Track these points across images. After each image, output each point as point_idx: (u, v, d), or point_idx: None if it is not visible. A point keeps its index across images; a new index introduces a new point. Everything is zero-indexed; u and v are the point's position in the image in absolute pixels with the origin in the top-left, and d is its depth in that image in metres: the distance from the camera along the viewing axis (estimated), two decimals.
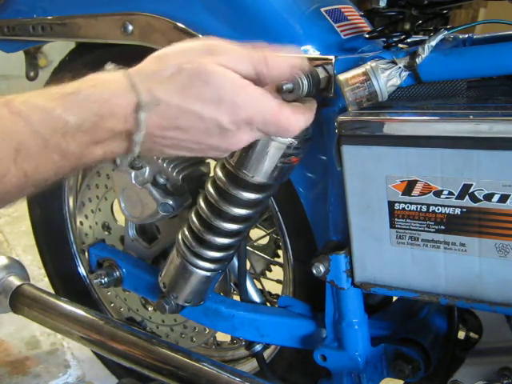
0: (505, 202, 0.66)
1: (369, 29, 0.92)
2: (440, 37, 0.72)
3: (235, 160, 0.78)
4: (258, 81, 0.62)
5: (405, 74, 0.72)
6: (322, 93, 0.77)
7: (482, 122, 0.64)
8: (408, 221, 0.73)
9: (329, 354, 0.89)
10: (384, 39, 0.83)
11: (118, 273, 1.12)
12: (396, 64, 0.72)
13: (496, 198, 0.66)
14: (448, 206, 0.69)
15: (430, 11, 0.83)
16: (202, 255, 0.88)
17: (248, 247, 1.27)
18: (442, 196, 0.69)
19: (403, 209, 0.72)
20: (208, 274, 0.91)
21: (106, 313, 1.36)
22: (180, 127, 0.58)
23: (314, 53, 0.83)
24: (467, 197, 0.68)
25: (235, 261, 1.01)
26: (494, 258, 0.69)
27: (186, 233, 0.89)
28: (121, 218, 1.19)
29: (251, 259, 1.33)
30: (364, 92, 0.71)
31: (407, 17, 0.82)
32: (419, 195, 0.71)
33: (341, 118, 0.72)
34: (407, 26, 0.83)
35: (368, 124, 0.71)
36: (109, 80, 0.57)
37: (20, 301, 1.08)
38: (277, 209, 0.97)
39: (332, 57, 0.77)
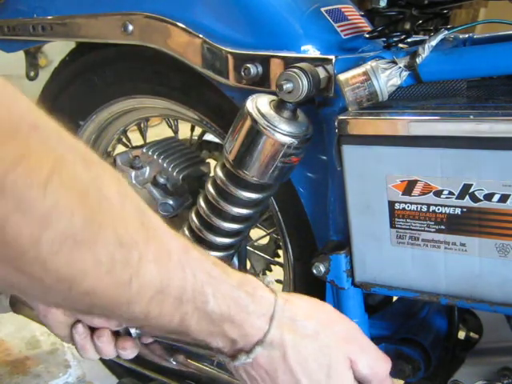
0: (505, 201, 0.66)
1: (369, 29, 0.92)
2: (440, 37, 0.72)
3: (235, 160, 0.78)
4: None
5: (405, 73, 0.72)
6: (322, 93, 0.77)
7: (482, 122, 0.64)
8: (408, 221, 0.73)
9: None
10: (384, 39, 0.83)
11: None
12: (396, 64, 0.72)
13: (496, 197, 0.66)
14: (448, 206, 0.69)
15: (430, 11, 0.83)
16: None
17: (248, 247, 1.27)
18: (442, 196, 0.69)
19: (403, 209, 0.72)
20: None
21: None
22: (275, 377, 0.57)
23: (314, 53, 0.83)
24: (467, 197, 0.68)
25: (235, 261, 1.01)
26: (494, 257, 0.69)
27: (187, 233, 0.89)
28: None
29: (251, 259, 1.33)
30: (364, 92, 0.71)
31: (407, 17, 0.82)
32: (419, 195, 0.71)
33: (341, 117, 0.72)
34: (407, 26, 0.83)
35: (368, 124, 0.71)
36: (260, 300, 0.56)
37: (20, 301, 1.08)
38: (277, 208, 0.97)
39: (332, 57, 0.77)
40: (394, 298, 1.01)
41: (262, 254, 1.34)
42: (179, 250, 0.49)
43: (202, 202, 0.85)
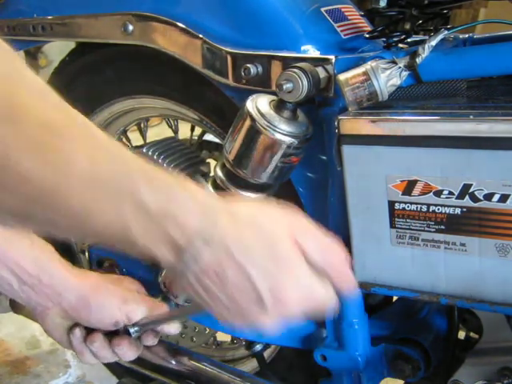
0: (505, 201, 0.66)
1: (369, 29, 0.92)
2: (440, 37, 0.72)
3: (235, 160, 0.78)
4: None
5: (405, 73, 0.72)
6: (322, 93, 0.77)
7: (482, 122, 0.64)
8: (408, 221, 0.73)
9: (329, 354, 0.89)
10: (384, 39, 0.83)
11: (118, 272, 1.12)
12: (396, 64, 0.72)
13: (496, 197, 0.66)
14: (448, 206, 0.69)
15: (430, 11, 0.83)
16: None
17: None
18: (442, 196, 0.69)
19: (403, 208, 0.72)
20: None
21: None
22: (224, 277, 0.55)
23: (314, 53, 0.83)
24: (467, 196, 0.68)
25: None
26: (494, 257, 0.69)
27: None
28: None
29: None
30: (364, 92, 0.71)
31: (407, 17, 0.82)
32: (419, 195, 0.71)
33: (341, 117, 0.72)
34: (407, 26, 0.83)
35: (368, 124, 0.71)
36: (197, 196, 0.54)
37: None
38: None
39: (332, 57, 0.77)
40: (394, 298, 1.01)
41: None
42: (105, 138, 0.49)
43: None
